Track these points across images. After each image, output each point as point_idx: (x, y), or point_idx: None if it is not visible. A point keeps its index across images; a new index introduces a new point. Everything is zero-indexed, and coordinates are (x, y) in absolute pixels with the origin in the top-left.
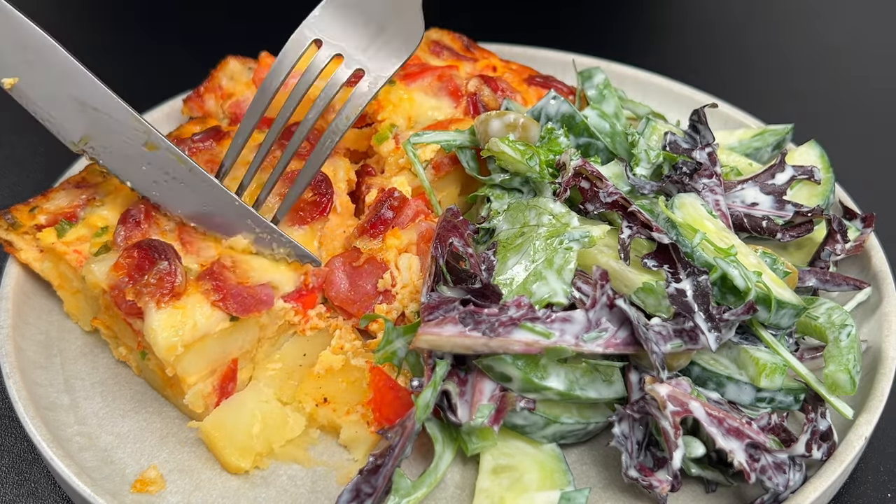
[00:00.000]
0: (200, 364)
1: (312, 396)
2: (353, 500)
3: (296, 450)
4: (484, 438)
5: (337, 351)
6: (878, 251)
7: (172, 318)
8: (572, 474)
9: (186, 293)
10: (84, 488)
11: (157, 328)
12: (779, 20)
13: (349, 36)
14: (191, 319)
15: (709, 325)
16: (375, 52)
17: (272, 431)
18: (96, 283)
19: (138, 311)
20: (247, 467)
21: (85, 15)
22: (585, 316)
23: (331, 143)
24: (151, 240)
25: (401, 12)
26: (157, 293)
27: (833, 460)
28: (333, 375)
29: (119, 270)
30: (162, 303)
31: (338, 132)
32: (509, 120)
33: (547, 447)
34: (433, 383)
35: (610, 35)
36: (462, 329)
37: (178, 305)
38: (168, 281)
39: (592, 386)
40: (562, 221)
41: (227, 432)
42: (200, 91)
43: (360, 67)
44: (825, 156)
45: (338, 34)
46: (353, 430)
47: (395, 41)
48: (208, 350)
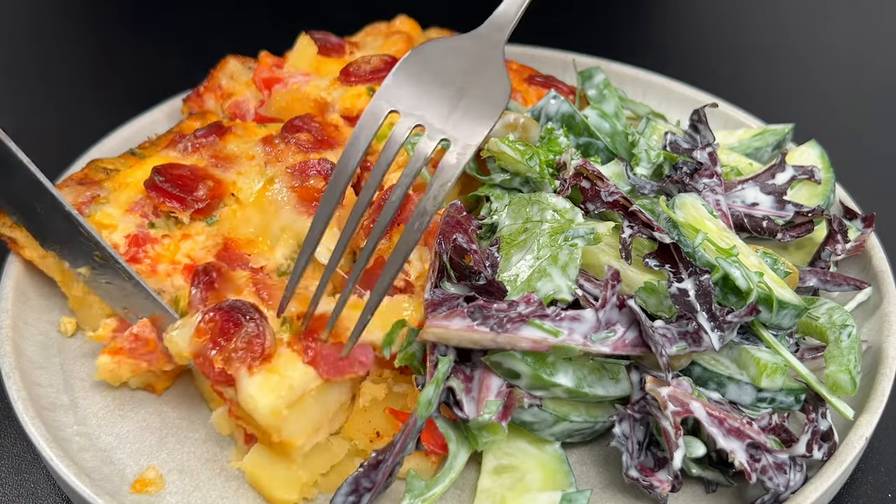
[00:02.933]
0: (305, 423)
1: (364, 432)
2: (351, 494)
3: (341, 479)
4: (493, 433)
5: (377, 380)
6: (878, 251)
7: (268, 382)
8: (574, 475)
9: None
10: (83, 488)
11: (256, 395)
12: (779, 20)
13: (428, 104)
14: (287, 380)
15: (712, 325)
16: (459, 118)
17: (314, 460)
18: (180, 353)
19: (228, 378)
20: (294, 499)
21: (85, 15)
22: (595, 316)
23: (419, 226)
24: (233, 302)
25: (481, 70)
26: (248, 358)
27: (833, 460)
28: (378, 406)
29: (202, 336)
30: (254, 368)
31: (427, 214)
32: (509, 120)
33: (549, 448)
34: (436, 380)
35: (610, 35)
36: (470, 323)
37: (270, 368)
38: (257, 344)
39: (600, 383)
40: (566, 217)
41: (269, 467)
42: (200, 90)
43: (445, 137)
44: (825, 155)
45: (415, 102)
46: (413, 462)
47: (479, 103)
48: (308, 409)
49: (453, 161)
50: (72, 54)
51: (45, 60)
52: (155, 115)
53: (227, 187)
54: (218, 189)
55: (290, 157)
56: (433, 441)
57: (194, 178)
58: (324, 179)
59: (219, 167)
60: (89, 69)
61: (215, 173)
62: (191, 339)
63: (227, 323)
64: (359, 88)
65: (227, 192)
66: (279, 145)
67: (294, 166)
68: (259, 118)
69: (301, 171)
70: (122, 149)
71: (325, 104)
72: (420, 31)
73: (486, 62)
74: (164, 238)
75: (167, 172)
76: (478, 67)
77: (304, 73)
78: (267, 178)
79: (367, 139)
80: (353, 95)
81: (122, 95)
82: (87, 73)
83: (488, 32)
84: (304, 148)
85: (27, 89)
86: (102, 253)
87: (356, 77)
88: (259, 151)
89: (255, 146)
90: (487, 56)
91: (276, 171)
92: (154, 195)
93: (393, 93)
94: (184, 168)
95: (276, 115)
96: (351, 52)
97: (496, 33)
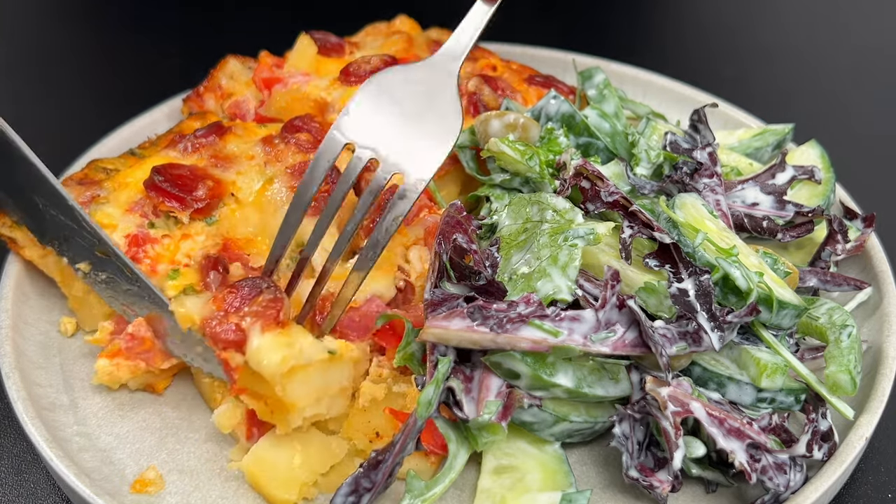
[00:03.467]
0: (307, 391)
1: (363, 432)
2: (351, 494)
3: (341, 479)
4: (493, 433)
5: (377, 380)
6: (878, 251)
7: (279, 341)
8: (574, 475)
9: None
10: (83, 489)
11: (266, 349)
12: (779, 20)
13: (382, 136)
14: (297, 346)
15: (712, 325)
16: (413, 151)
17: (315, 459)
18: (188, 317)
19: (239, 339)
20: (294, 499)
21: (85, 15)
22: (595, 316)
23: (372, 255)
24: (254, 278)
25: (435, 101)
26: (263, 318)
27: (834, 461)
28: (378, 406)
29: (219, 304)
30: (266, 328)
31: (379, 245)
32: (509, 120)
33: (549, 448)
34: (435, 380)
35: (610, 35)
36: (470, 323)
37: (283, 332)
38: (274, 308)
39: (600, 384)
40: (565, 218)
41: (269, 467)
42: (200, 90)
43: (398, 171)
44: (825, 155)
45: (370, 134)
46: (413, 462)
47: (431, 136)
48: (313, 378)
49: (405, 196)
50: (72, 54)
51: (45, 60)
52: (155, 115)
53: (226, 187)
54: (217, 189)
55: (289, 157)
56: (433, 441)
57: (194, 178)
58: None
59: (218, 167)
60: (89, 69)
61: (215, 173)
62: (205, 305)
63: (248, 291)
64: None
65: (227, 191)
66: (279, 145)
67: (294, 166)
68: (259, 118)
69: (300, 171)
70: (122, 149)
71: (325, 104)
72: (420, 31)
73: (440, 92)
74: (164, 238)
75: (167, 172)
76: (432, 98)
77: (304, 73)
78: (266, 177)
79: (323, 171)
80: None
81: (122, 95)
82: (87, 73)
83: (443, 61)
84: (303, 148)
85: (27, 89)
86: (104, 248)
87: (356, 77)
88: (259, 151)
89: (255, 146)
90: (442, 85)
91: (276, 170)
92: (153, 195)
93: (349, 124)
94: (183, 168)
95: (276, 115)
96: (351, 52)
97: (451, 63)
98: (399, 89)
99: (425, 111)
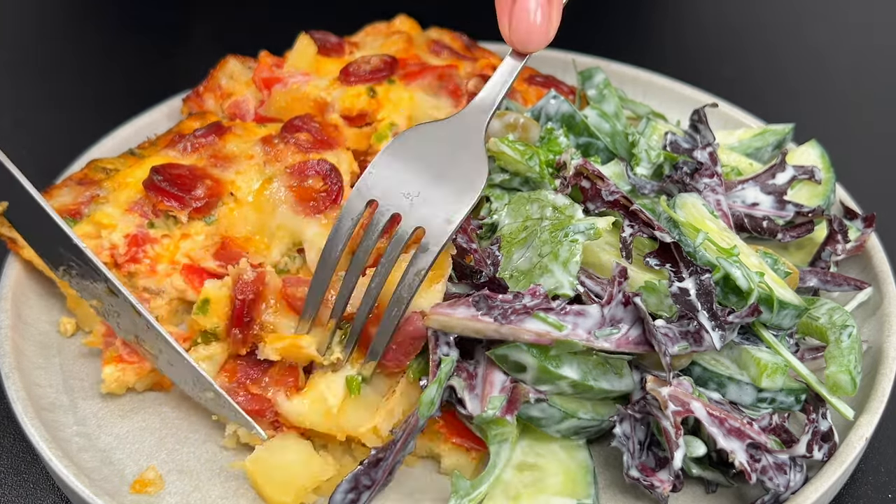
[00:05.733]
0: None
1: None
2: (351, 491)
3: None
4: (501, 426)
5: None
6: (878, 251)
7: (307, 398)
8: (597, 487)
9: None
10: (83, 489)
11: (305, 412)
12: (779, 20)
13: (405, 193)
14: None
15: (713, 325)
16: (435, 207)
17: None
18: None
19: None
20: (290, 502)
21: (85, 15)
22: (600, 311)
23: (397, 312)
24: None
25: (460, 156)
26: (283, 385)
27: (834, 461)
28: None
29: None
30: (288, 393)
31: (403, 301)
32: (509, 120)
33: (579, 456)
34: (438, 379)
35: (610, 35)
36: (475, 312)
37: (304, 393)
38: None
39: (605, 377)
40: (566, 214)
41: (268, 470)
42: (200, 90)
43: (420, 226)
44: (826, 155)
45: (393, 192)
46: (453, 458)
47: (454, 192)
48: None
49: (427, 249)
50: (72, 54)
51: (45, 60)
52: (155, 115)
53: (225, 186)
54: (216, 188)
55: (289, 156)
56: (471, 437)
57: (193, 178)
58: (322, 180)
59: (218, 167)
60: (89, 69)
61: (214, 173)
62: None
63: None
64: (358, 88)
65: (226, 191)
66: (278, 145)
67: (293, 166)
68: (259, 118)
69: (300, 171)
70: (122, 149)
71: (325, 104)
72: (420, 31)
73: (465, 147)
74: (163, 238)
75: (166, 172)
76: (457, 153)
77: (304, 73)
78: (265, 177)
79: (347, 230)
80: (352, 95)
81: (122, 95)
82: (87, 73)
83: (472, 115)
84: (303, 148)
85: (27, 89)
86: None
87: (356, 77)
88: (258, 151)
89: (255, 146)
90: (468, 140)
91: (275, 170)
92: (152, 194)
93: (373, 181)
94: (182, 167)
95: (275, 115)
96: (351, 51)
97: (479, 116)
98: (423, 146)
99: (449, 167)
